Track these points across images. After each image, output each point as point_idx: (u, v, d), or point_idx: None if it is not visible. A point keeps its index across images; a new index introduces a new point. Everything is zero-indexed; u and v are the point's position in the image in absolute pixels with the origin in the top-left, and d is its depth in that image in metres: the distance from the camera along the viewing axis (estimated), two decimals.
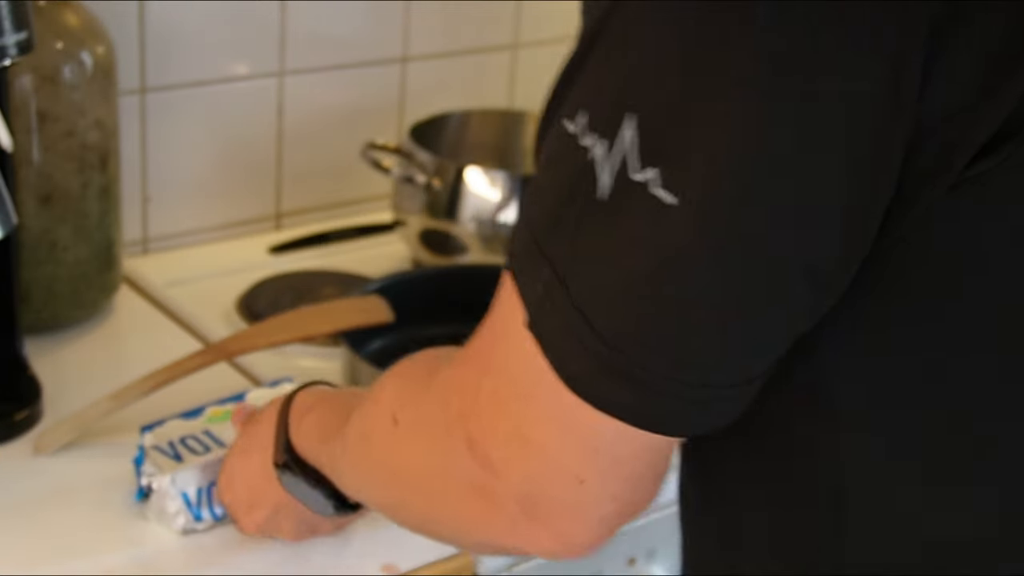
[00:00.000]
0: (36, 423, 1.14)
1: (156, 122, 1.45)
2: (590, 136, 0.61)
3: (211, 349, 1.15)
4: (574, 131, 0.62)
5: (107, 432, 1.12)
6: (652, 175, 0.59)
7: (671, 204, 0.58)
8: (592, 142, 0.61)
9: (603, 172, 0.60)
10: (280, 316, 1.19)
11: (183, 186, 1.50)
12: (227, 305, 1.38)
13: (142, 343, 1.31)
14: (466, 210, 1.38)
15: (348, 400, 0.86)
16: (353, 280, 1.41)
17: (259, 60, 1.51)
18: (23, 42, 1.05)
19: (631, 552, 1.15)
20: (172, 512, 1.00)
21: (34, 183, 1.22)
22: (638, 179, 0.59)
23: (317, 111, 1.57)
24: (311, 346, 1.29)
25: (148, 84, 1.44)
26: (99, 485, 1.06)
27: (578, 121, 0.62)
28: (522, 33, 1.72)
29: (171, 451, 1.04)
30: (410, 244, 1.45)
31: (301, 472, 0.90)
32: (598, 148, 0.60)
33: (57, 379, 1.19)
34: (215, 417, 1.09)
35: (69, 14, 1.22)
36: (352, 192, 1.63)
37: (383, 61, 1.61)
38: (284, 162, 1.57)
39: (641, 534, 1.14)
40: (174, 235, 1.51)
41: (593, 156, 0.60)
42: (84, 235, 1.26)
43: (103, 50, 1.24)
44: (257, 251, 1.52)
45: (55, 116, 1.21)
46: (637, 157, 0.59)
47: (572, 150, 0.62)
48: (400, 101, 1.64)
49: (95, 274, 1.29)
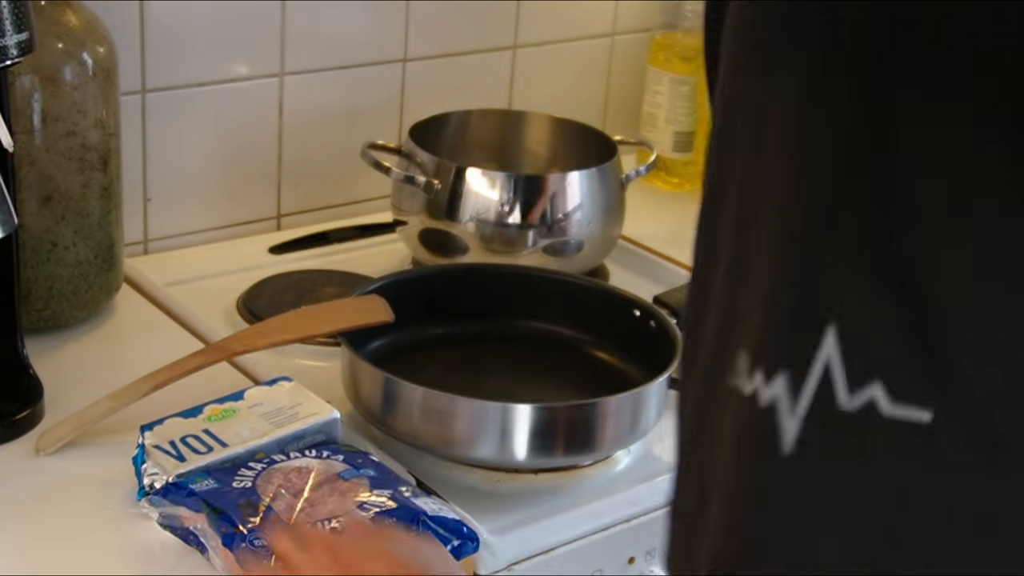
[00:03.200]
0: (37, 422, 1.14)
1: (157, 122, 1.46)
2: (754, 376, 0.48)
3: (211, 349, 1.15)
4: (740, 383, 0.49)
5: (107, 432, 1.12)
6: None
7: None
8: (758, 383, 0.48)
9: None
10: (280, 316, 1.19)
11: (184, 186, 1.50)
12: (227, 305, 1.39)
13: (142, 343, 1.32)
14: (466, 210, 1.38)
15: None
16: (353, 280, 1.41)
17: (259, 60, 1.51)
18: (24, 43, 1.06)
19: (631, 552, 1.15)
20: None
21: (35, 183, 1.23)
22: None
23: (317, 111, 1.57)
24: (311, 346, 1.29)
25: (149, 84, 1.44)
26: (99, 485, 1.07)
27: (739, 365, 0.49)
28: (522, 34, 1.72)
29: (173, 450, 1.04)
30: (410, 244, 1.46)
31: None
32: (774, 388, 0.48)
33: (58, 379, 1.20)
34: (214, 416, 1.09)
35: (70, 14, 1.23)
36: (352, 192, 1.63)
37: (383, 61, 1.61)
38: (284, 162, 1.57)
39: (641, 534, 1.14)
40: (175, 235, 1.51)
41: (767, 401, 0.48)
42: (85, 235, 1.27)
43: (104, 50, 1.25)
44: (257, 251, 1.52)
45: (56, 116, 1.22)
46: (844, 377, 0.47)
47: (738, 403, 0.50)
48: (400, 101, 1.64)
49: (96, 274, 1.29)
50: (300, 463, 1.04)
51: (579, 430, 1.11)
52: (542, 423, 1.09)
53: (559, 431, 1.10)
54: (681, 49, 1.74)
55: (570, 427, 1.10)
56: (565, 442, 1.11)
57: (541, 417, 1.09)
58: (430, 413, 1.10)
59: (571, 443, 1.11)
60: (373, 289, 1.22)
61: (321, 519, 0.97)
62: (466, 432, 1.09)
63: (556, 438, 1.10)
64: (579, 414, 1.10)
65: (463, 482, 1.13)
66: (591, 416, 1.11)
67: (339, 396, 1.17)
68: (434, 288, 1.29)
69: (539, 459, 1.11)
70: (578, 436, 1.11)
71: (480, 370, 1.26)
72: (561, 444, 1.10)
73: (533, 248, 1.39)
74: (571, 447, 1.11)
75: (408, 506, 1.00)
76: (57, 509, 1.04)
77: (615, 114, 1.86)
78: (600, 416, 1.11)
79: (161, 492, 1.01)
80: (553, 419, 1.09)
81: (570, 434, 1.10)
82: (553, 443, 1.10)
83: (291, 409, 1.11)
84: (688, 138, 1.77)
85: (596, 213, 1.41)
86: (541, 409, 1.09)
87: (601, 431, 1.12)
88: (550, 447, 1.10)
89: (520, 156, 1.59)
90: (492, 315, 1.30)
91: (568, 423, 1.10)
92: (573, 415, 1.10)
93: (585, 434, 1.11)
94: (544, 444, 1.10)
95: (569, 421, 1.10)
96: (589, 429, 1.11)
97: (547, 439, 1.10)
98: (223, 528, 0.96)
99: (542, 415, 1.09)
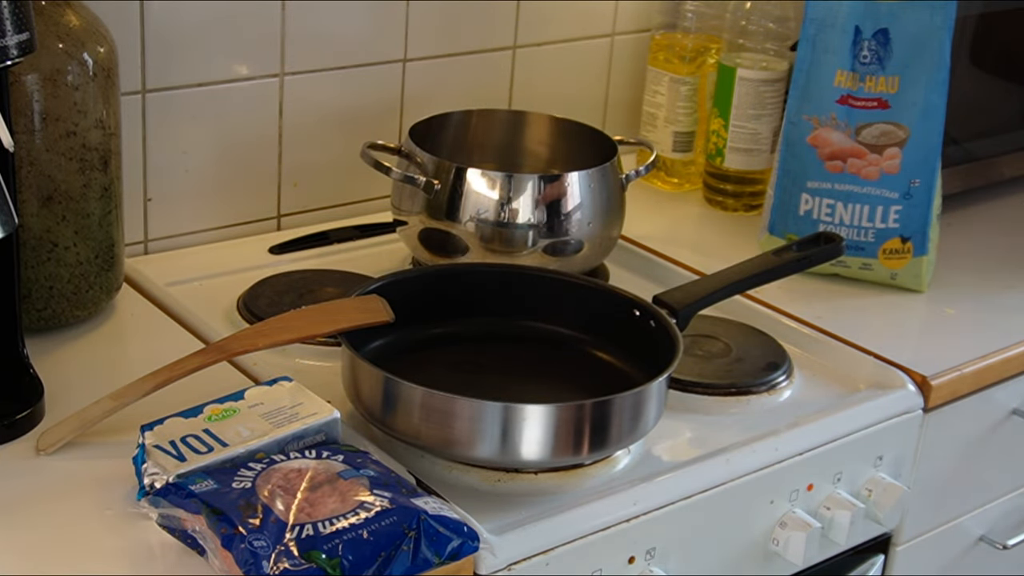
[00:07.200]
0: (37, 422, 1.14)
1: (157, 122, 1.46)
2: None
3: (211, 349, 1.15)
4: None
5: (107, 432, 1.12)
6: None
7: None
8: None
9: None
10: (280, 316, 1.19)
11: (184, 186, 1.50)
12: (227, 305, 1.39)
13: (142, 343, 1.32)
14: (466, 210, 1.39)
15: None
16: (353, 280, 1.41)
17: (260, 61, 1.51)
18: (25, 43, 1.06)
19: (631, 552, 1.15)
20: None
21: (36, 183, 1.23)
22: None
23: (317, 111, 1.58)
24: (311, 346, 1.29)
25: (149, 84, 1.44)
26: (99, 485, 1.07)
27: None
28: (522, 34, 1.72)
29: (173, 450, 1.04)
30: (410, 244, 1.46)
31: None
32: None
33: (58, 378, 1.20)
34: (214, 416, 1.09)
35: (70, 15, 1.23)
36: (352, 192, 1.63)
37: (383, 61, 1.61)
38: (284, 162, 1.57)
39: (641, 534, 1.15)
40: (175, 235, 1.51)
41: None
42: (85, 235, 1.27)
43: (104, 51, 1.25)
44: (257, 251, 1.52)
45: (56, 116, 1.22)
46: None
47: None
48: (400, 101, 1.64)
49: (96, 274, 1.29)
50: (300, 463, 1.04)
51: (579, 430, 1.11)
52: (542, 423, 1.09)
53: (559, 431, 1.10)
54: (681, 49, 1.74)
55: (570, 427, 1.10)
56: (565, 442, 1.11)
57: (541, 417, 1.09)
58: (430, 413, 1.10)
59: (571, 443, 1.11)
60: (373, 289, 1.22)
61: (321, 519, 0.97)
62: (466, 432, 1.09)
63: (556, 438, 1.10)
64: (579, 414, 1.10)
65: (463, 482, 1.13)
66: (591, 416, 1.11)
67: (339, 396, 1.17)
68: (434, 288, 1.29)
69: (539, 459, 1.11)
70: (578, 436, 1.11)
71: (480, 370, 1.26)
72: (561, 444, 1.11)
73: (533, 248, 1.39)
74: (571, 447, 1.11)
75: (408, 506, 1.00)
76: (57, 509, 1.04)
77: (615, 114, 1.86)
78: (600, 416, 1.11)
79: (160, 493, 1.01)
80: (553, 419, 1.09)
81: (570, 434, 1.10)
82: (553, 443, 1.10)
83: (291, 409, 1.11)
84: (688, 138, 1.77)
85: (596, 213, 1.41)
86: (541, 409, 1.09)
87: (601, 431, 1.12)
88: (550, 447, 1.10)
89: (520, 156, 1.59)
90: (492, 315, 1.30)
91: (568, 423, 1.10)
92: (573, 415, 1.10)
93: (585, 434, 1.11)
94: (544, 444, 1.10)
95: (569, 421, 1.10)
96: (589, 429, 1.11)
97: (547, 439, 1.10)
98: (223, 529, 0.97)
99: (542, 415, 1.09)
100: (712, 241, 1.65)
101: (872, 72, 1.49)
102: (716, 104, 1.72)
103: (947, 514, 1.50)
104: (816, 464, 1.28)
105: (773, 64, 1.69)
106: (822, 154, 1.53)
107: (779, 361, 1.35)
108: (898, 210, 1.51)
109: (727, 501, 1.21)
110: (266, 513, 0.97)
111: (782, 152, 1.55)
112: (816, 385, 1.36)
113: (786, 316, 1.46)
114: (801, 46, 1.52)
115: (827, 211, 1.53)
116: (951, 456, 1.45)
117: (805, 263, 1.36)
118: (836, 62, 1.50)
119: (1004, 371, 1.45)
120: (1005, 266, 1.65)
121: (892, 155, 1.50)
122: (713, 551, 1.23)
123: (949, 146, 1.58)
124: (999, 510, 1.57)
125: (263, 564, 0.94)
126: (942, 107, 1.49)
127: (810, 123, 1.52)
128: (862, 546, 1.38)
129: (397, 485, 1.03)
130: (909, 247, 1.52)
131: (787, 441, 1.26)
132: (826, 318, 1.46)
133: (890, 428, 1.34)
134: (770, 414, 1.29)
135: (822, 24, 1.50)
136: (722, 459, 1.21)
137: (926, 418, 1.37)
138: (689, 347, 1.34)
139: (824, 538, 1.29)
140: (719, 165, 1.73)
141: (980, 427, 1.48)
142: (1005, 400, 1.49)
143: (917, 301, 1.54)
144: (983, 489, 1.54)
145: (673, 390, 1.27)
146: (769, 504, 1.25)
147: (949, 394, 1.39)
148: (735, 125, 1.70)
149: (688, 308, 1.27)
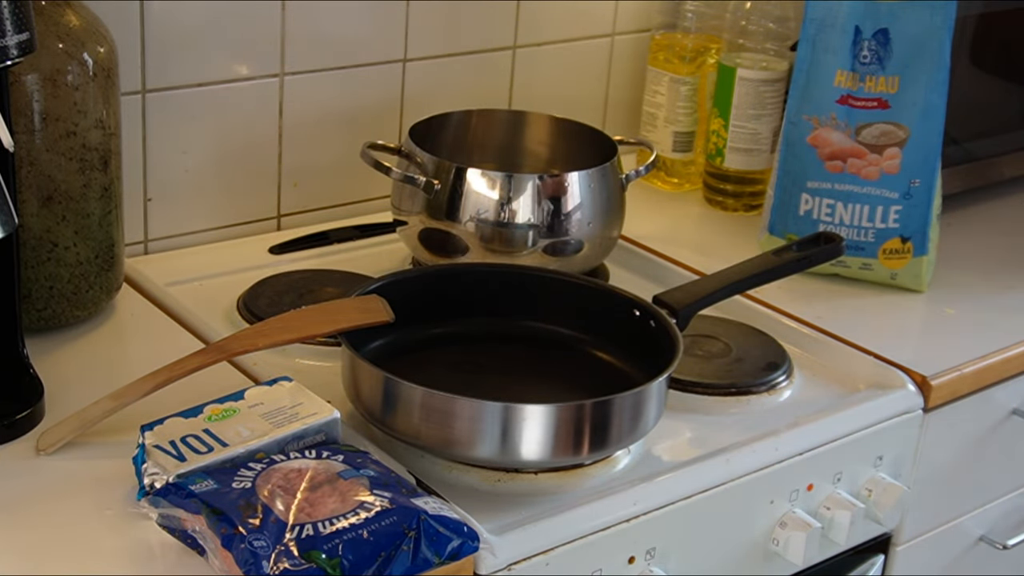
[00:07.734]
0: (37, 422, 1.14)
1: (157, 122, 1.46)
2: None
3: (211, 349, 1.15)
4: None
5: (107, 432, 1.12)
6: None
7: None
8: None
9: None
10: (280, 316, 1.19)
11: (184, 186, 1.50)
12: (227, 305, 1.39)
13: (142, 343, 1.32)
14: (466, 210, 1.39)
15: None
16: (353, 280, 1.41)
17: (260, 61, 1.51)
18: (25, 43, 1.06)
19: (631, 552, 1.15)
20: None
21: (36, 183, 1.23)
22: None
23: (317, 111, 1.58)
24: (311, 346, 1.29)
25: (149, 84, 1.44)
26: (99, 485, 1.07)
27: None
28: (522, 34, 1.72)
29: (173, 450, 1.04)
30: (410, 244, 1.46)
31: None
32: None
33: (58, 378, 1.20)
34: (214, 416, 1.09)
35: (70, 15, 1.23)
36: (352, 192, 1.63)
37: (383, 61, 1.61)
38: (284, 162, 1.57)
39: (641, 534, 1.15)
40: (175, 235, 1.51)
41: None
42: (85, 235, 1.27)
43: (104, 51, 1.25)
44: (257, 251, 1.52)
45: (56, 116, 1.22)
46: None
47: None
48: (400, 101, 1.64)
49: (96, 274, 1.29)
50: (300, 463, 1.04)
51: (579, 430, 1.11)
52: (542, 423, 1.09)
53: (559, 431, 1.10)
54: (681, 49, 1.74)
55: (570, 427, 1.10)
56: (565, 442, 1.11)
57: (541, 417, 1.09)
58: (430, 413, 1.10)
59: (571, 443, 1.11)
60: (373, 289, 1.22)
61: (321, 519, 0.97)
62: (466, 432, 1.09)
63: (556, 438, 1.10)
64: (579, 414, 1.10)
65: (463, 482, 1.13)
66: (591, 416, 1.11)
67: (339, 396, 1.17)
68: (434, 288, 1.29)
69: (539, 459, 1.11)
70: (578, 436, 1.11)
71: (480, 370, 1.26)
72: (561, 444, 1.11)
73: (533, 248, 1.39)
74: (571, 447, 1.11)
75: (408, 506, 1.00)
76: (57, 509, 1.04)
77: (615, 114, 1.86)
78: (600, 416, 1.11)
79: (160, 493, 1.01)
80: (553, 419, 1.09)
81: (570, 434, 1.10)
82: (553, 443, 1.10)
83: (291, 409, 1.11)
84: (688, 138, 1.77)
85: (596, 213, 1.41)
86: (541, 409, 1.09)
87: (601, 431, 1.12)
88: (550, 447, 1.10)
89: (520, 156, 1.59)
90: (492, 315, 1.30)
91: (568, 423, 1.10)
92: (573, 415, 1.10)
93: (585, 434, 1.11)
94: (544, 444, 1.10)
95: (569, 421, 1.10)
96: (589, 429, 1.11)
97: (547, 439, 1.10)
98: (222, 529, 0.97)
99: (542, 415, 1.09)
100: (712, 241, 1.66)
101: (872, 72, 1.49)
102: (716, 104, 1.72)
103: (947, 514, 1.50)
104: (816, 464, 1.28)
105: (773, 64, 1.69)
106: (822, 154, 1.53)
107: (779, 361, 1.35)
108: (898, 210, 1.51)
109: (727, 501, 1.21)
110: (266, 513, 0.97)
111: (782, 152, 1.55)
112: (816, 385, 1.36)
113: (786, 316, 1.46)
114: (801, 46, 1.52)
115: (827, 211, 1.53)
116: (951, 456, 1.45)
117: (805, 263, 1.37)
118: (836, 62, 1.50)
119: (1004, 371, 1.45)
120: (1005, 266, 1.65)
121: (892, 155, 1.50)
122: (713, 551, 1.23)
123: (949, 146, 1.58)
124: (999, 510, 1.57)
125: (263, 564, 0.94)
126: (942, 107, 1.49)
127: (810, 123, 1.52)
128: (862, 546, 1.38)
129: (397, 485, 1.03)
130: (909, 247, 1.52)
131: (787, 441, 1.26)
132: (826, 318, 1.46)
133: (890, 428, 1.34)
134: (770, 414, 1.29)
135: (822, 24, 1.50)
136: (722, 459, 1.21)
137: (926, 418, 1.37)
138: (689, 347, 1.34)
139: (824, 538, 1.29)
140: (719, 165, 1.73)
141: (980, 427, 1.48)
142: (1005, 400, 1.49)
143: (917, 301, 1.54)
144: (983, 489, 1.54)
145: (673, 390, 1.26)
146: (769, 504, 1.25)
147: (949, 394, 1.39)
148: (735, 125, 1.70)
149: (688, 308, 1.27)
